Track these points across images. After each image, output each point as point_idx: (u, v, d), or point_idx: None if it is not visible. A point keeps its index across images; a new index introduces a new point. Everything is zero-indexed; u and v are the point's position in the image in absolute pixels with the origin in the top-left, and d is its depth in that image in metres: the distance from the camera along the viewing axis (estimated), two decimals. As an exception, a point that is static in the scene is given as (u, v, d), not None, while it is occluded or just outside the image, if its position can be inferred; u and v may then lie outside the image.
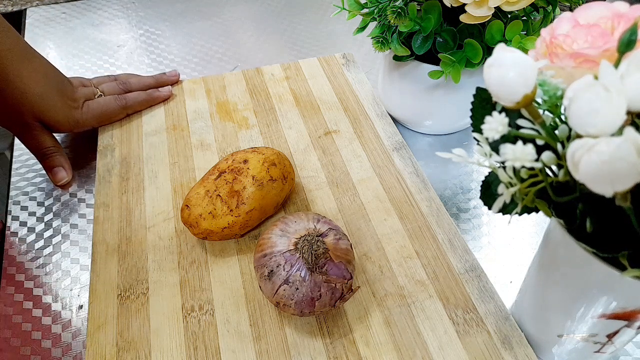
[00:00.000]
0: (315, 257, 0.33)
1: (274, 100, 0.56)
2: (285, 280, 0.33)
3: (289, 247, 0.34)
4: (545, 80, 0.23)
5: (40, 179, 0.50)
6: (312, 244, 0.34)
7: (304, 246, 0.34)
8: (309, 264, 0.33)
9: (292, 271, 0.33)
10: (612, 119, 0.20)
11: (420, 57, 0.46)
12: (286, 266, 0.33)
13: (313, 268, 0.33)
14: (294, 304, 0.33)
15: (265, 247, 0.35)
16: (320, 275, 0.33)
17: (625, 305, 0.27)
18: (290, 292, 0.33)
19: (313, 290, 0.33)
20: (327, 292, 0.33)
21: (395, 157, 0.49)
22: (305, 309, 0.34)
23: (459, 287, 0.39)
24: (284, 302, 0.34)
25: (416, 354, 0.35)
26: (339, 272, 0.34)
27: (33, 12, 0.73)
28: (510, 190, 0.24)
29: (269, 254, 0.34)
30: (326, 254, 0.34)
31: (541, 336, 0.35)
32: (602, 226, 0.25)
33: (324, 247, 0.34)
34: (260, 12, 0.74)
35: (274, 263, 0.34)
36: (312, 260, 0.33)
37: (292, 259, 0.33)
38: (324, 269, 0.33)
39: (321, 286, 0.33)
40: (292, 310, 0.34)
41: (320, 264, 0.33)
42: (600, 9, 0.26)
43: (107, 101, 0.52)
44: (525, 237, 0.44)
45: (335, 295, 0.34)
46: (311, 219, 0.36)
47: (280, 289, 0.33)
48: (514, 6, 0.39)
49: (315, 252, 0.33)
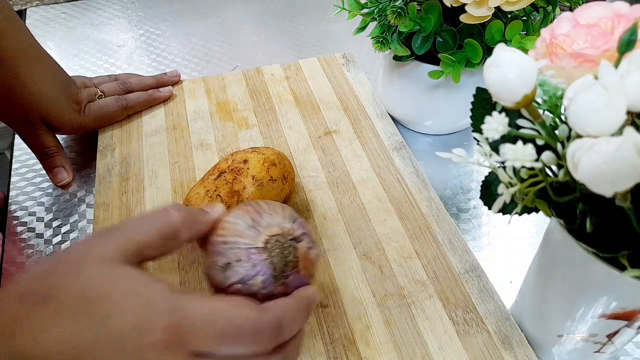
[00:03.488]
0: (284, 265, 0.29)
1: (274, 100, 0.56)
2: (241, 280, 0.29)
3: (257, 244, 0.29)
4: (545, 80, 0.23)
5: (40, 179, 0.50)
6: (284, 249, 0.30)
7: (275, 249, 0.29)
8: (276, 272, 0.29)
9: (252, 273, 0.29)
10: (612, 119, 0.20)
11: (420, 57, 0.46)
12: (247, 265, 0.29)
13: (278, 276, 0.29)
14: None
15: (229, 233, 0.30)
16: (281, 286, 0.29)
17: (625, 305, 0.27)
18: (243, 294, 0.29)
19: (267, 297, 0.29)
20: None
21: (395, 157, 0.49)
22: None
23: (459, 287, 0.39)
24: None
25: (416, 354, 0.35)
26: (300, 285, 0.30)
27: (33, 12, 0.73)
28: (510, 190, 0.24)
29: (231, 243, 0.29)
30: (295, 264, 0.30)
31: (541, 336, 0.35)
32: (602, 226, 0.25)
33: (294, 254, 0.30)
34: (260, 12, 0.74)
35: (233, 255, 0.29)
36: (280, 268, 0.29)
37: (257, 260, 0.29)
38: (287, 281, 0.29)
39: (277, 296, 0.29)
40: None
41: (286, 273, 0.29)
42: (600, 9, 0.26)
43: (108, 103, 0.52)
44: (525, 237, 0.44)
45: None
46: (287, 217, 0.31)
47: (232, 286, 0.29)
48: (514, 6, 0.39)
49: (286, 258, 0.29)
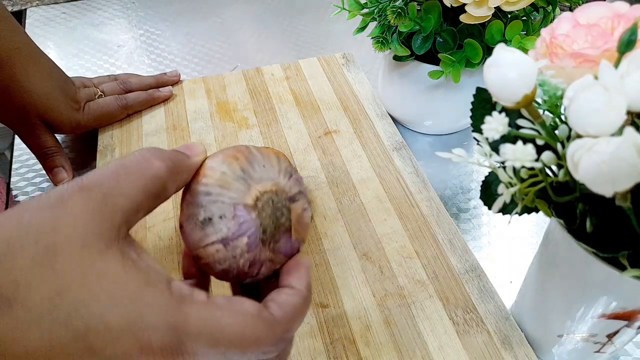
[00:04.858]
0: (275, 228, 0.25)
1: (274, 100, 0.56)
2: (223, 240, 0.24)
3: (246, 200, 0.25)
4: (545, 80, 0.23)
5: (40, 179, 0.50)
6: (277, 210, 0.25)
7: (266, 208, 0.25)
8: (265, 236, 0.25)
9: (238, 233, 0.24)
10: (612, 119, 0.20)
11: (420, 57, 0.46)
12: (232, 223, 0.24)
13: (268, 241, 0.25)
14: (221, 270, 0.25)
15: (213, 182, 0.25)
16: (269, 252, 0.25)
17: (625, 305, 0.27)
18: (223, 256, 0.25)
19: (251, 266, 0.25)
20: (267, 272, 0.26)
21: (395, 157, 0.49)
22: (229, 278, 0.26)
23: (459, 287, 0.39)
24: (208, 260, 0.25)
25: (416, 354, 0.35)
26: (289, 251, 0.26)
27: (33, 12, 0.73)
28: (510, 190, 0.24)
29: (214, 194, 0.25)
30: (288, 227, 0.26)
31: (541, 336, 0.35)
32: (602, 226, 0.25)
33: (287, 216, 0.26)
34: (260, 12, 0.74)
35: (217, 210, 0.24)
36: (271, 232, 0.25)
37: (245, 218, 0.24)
38: (278, 245, 0.26)
39: (263, 265, 0.25)
40: (213, 272, 0.26)
41: (276, 237, 0.25)
42: (600, 9, 0.26)
43: (108, 102, 0.52)
44: (525, 237, 0.44)
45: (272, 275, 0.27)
46: (283, 172, 0.27)
47: (211, 246, 0.25)
48: (514, 6, 0.39)
49: (278, 221, 0.25)
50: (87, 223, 0.20)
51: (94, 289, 0.19)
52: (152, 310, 0.20)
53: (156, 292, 0.21)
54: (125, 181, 0.22)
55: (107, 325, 0.19)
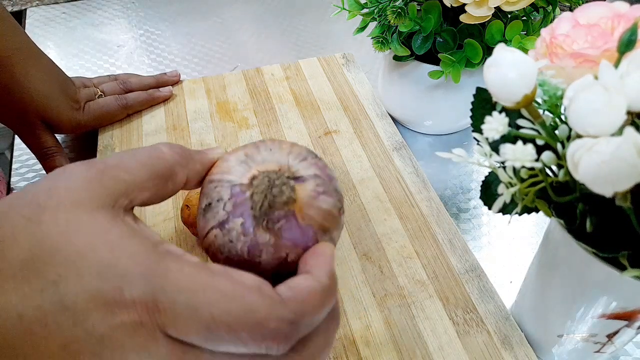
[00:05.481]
0: (269, 205, 0.23)
1: (274, 100, 0.56)
2: (220, 224, 0.23)
3: (243, 180, 0.23)
4: (545, 80, 0.23)
5: (40, 179, 0.50)
6: (273, 186, 0.23)
7: (261, 185, 0.23)
8: (257, 212, 0.23)
9: (233, 213, 0.23)
10: (612, 119, 0.20)
11: (420, 57, 0.46)
12: (228, 204, 0.23)
13: (261, 219, 0.23)
14: (223, 259, 0.23)
15: (217, 170, 0.24)
16: (267, 234, 0.23)
17: (625, 305, 0.27)
18: (222, 241, 0.23)
19: (251, 251, 0.23)
20: (271, 259, 0.23)
21: (395, 157, 0.49)
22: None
23: (459, 287, 0.39)
24: (213, 251, 0.24)
25: (416, 354, 0.35)
26: (300, 238, 0.23)
27: (33, 12, 0.73)
28: (510, 190, 0.24)
29: (216, 180, 0.24)
30: (288, 206, 0.23)
31: (541, 336, 0.35)
32: (602, 226, 0.25)
33: (289, 194, 0.23)
34: (260, 12, 0.74)
35: (216, 194, 0.23)
36: (263, 208, 0.23)
37: (239, 198, 0.23)
38: (277, 227, 0.23)
39: (263, 249, 0.23)
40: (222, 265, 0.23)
41: (273, 217, 0.23)
42: (600, 9, 0.26)
43: (108, 101, 0.52)
44: (525, 237, 0.44)
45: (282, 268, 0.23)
46: (294, 154, 0.25)
47: (210, 232, 0.23)
48: (514, 6, 0.39)
49: (273, 197, 0.23)
50: (82, 186, 0.20)
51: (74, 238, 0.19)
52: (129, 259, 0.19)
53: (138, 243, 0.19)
54: (130, 158, 0.22)
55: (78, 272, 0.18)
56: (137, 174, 0.21)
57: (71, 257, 0.18)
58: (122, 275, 0.18)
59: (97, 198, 0.20)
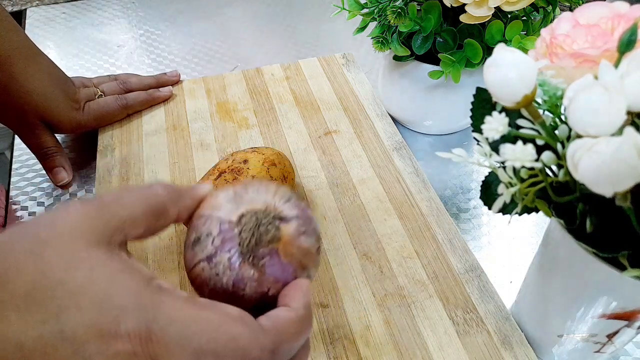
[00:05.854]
0: (256, 243, 0.25)
1: (274, 100, 0.56)
2: (207, 257, 0.25)
3: (231, 217, 0.25)
4: (545, 80, 0.23)
5: (40, 179, 0.50)
6: (261, 225, 0.25)
7: (249, 223, 0.25)
8: (244, 248, 0.25)
9: (221, 249, 0.25)
10: (612, 119, 0.20)
11: (420, 57, 0.46)
12: (217, 239, 0.25)
13: (247, 255, 0.25)
14: (208, 291, 0.25)
15: (207, 206, 0.26)
16: (252, 269, 0.25)
17: (625, 305, 0.27)
18: (208, 274, 0.25)
19: (236, 284, 0.25)
20: (252, 293, 0.25)
21: (395, 157, 0.49)
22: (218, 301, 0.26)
23: (459, 287, 0.39)
24: (199, 282, 0.25)
25: (416, 354, 0.35)
26: (281, 274, 0.25)
27: (33, 12, 0.73)
28: (510, 190, 0.24)
29: (206, 216, 0.26)
30: (273, 244, 0.25)
31: (541, 336, 0.35)
32: (602, 226, 0.25)
33: (274, 233, 0.25)
34: (260, 12, 0.74)
35: (205, 229, 0.25)
36: (250, 244, 0.25)
37: (228, 234, 0.25)
38: (262, 263, 0.25)
39: (247, 283, 0.25)
40: (206, 296, 0.26)
41: (258, 253, 0.25)
42: (600, 9, 0.26)
43: (108, 101, 0.52)
44: (525, 237, 0.44)
45: (263, 301, 0.25)
46: (279, 195, 0.27)
47: (198, 265, 0.25)
48: (514, 6, 0.39)
49: (260, 235, 0.25)
50: (81, 221, 0.21)
51: (74, 272, 0.20)
52: (125, 293, 0.20)
53: (133, 278, 0.21)
54: (126, 195, 0.23)
55: (78, 305, 0.19)
56: (132, 209, 0.23)
57: (72, 290, 0.20)
58: (118, 307, 0.20)
59: (95, 234, 0.21)
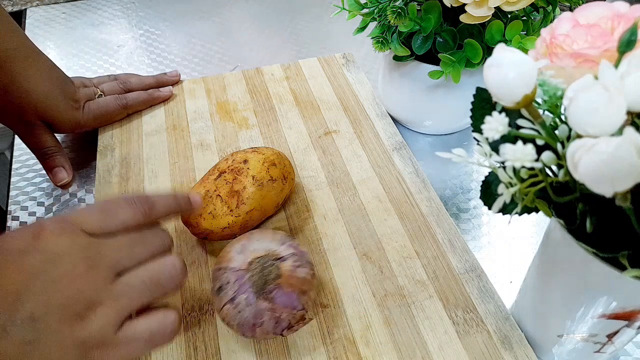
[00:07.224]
0: (264, 282, 0.32)
1: (274, 100, 0.56)
2: (230, 300, 0.32)
3: (242, 266, 0.33)
4: (545, 80, 0.23)
5: (40, 179, 0.50)
6: (265, 268, 0.33)
7: (256, 268, 0.33)
8: (256, 288, 0.32)
9: (239, 292, 0.32)
10: (612, 119, 0.20)
11: (420, 57, 0.46)
12: (234, 285, 0.33)
13: (259, 293, 0.32)
14: (236, 325, 0.33)
15: (223, 260, 0.34)
16: (265, 302, 0.32)
17: (625, 305, 0.27)
18: (234, 313, 0.32)
19: (256, 316, 0.32)
20: (270, 320, 0.32)
21: (395, 157, 0.49)
22: (246, 332, 0.33)
23: (459, 287, 0.39)
24: (228, 320, 0.33)
25: (416, 354, 0.35)
26: (288, 301, 0.33)
27: (33, 12, 0.73)
28: (510, 190, 0.24)
29: (223, 268, 0.34)
30: (277, 280, 0.33)
31: (541, 336, 0.35)
32: (602, 226, 0.25)
33: (276, 272, 0.33)
34: (260, 12, 0.74)
35: (224, 279, 0.33)
36: (260, 285, 0.32)
37: (242, 279, 0.33)
38: (271, 296, 0.32)
39: (264, 314, 0.32)
40: (235, 329, 0.33)
41: (267, 290, 0.32)
42: (600, 9, 0.26)
43: (108, 101, 0.52)
44: (525, 237, 0.44)
45: (280, 325, 0.33)
46: (276, 240, 0.35)
47: (225, 307, 0.33)
48: (514, 6, 0.39)
49: (266, 276, 0.33)
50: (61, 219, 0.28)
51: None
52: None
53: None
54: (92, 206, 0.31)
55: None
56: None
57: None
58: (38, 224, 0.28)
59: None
